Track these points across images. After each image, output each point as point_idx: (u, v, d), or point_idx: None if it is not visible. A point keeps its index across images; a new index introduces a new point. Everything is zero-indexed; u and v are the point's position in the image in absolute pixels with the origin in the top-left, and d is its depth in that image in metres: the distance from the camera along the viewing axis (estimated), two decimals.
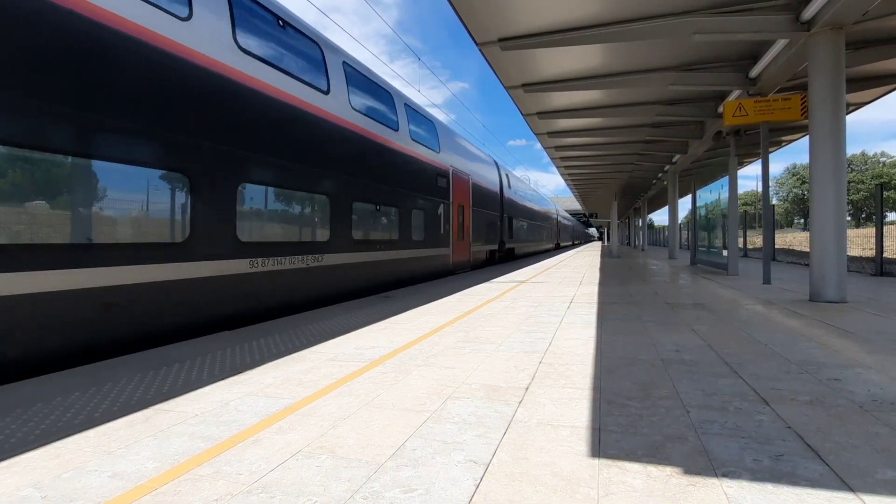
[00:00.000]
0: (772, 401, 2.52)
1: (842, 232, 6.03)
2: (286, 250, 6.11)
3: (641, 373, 3.09)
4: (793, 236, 31.43)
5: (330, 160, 7.14)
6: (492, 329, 4.68)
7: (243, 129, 5.48)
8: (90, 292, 3.84)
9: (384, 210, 8.88)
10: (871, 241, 13.72)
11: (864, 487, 1.65)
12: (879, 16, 6.21)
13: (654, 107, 10.86)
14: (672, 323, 4.84)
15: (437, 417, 2.39)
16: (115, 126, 4.07)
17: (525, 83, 9.21)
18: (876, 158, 74.40)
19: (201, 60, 4.91)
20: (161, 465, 1.94)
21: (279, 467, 1.89)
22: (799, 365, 3.19)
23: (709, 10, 6.34)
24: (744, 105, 7.98)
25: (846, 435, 2.08)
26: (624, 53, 8.03)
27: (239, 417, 2.44)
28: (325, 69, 7.15)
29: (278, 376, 3.17)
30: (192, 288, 4.73)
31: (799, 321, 4.80)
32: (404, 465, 1.88)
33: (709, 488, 1.67)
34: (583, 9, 6.35)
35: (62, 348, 3.73)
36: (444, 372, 3.20)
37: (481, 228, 14.94)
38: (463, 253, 13.24)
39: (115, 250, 4.08)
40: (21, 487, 1.77)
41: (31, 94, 3.51)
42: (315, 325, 5.03)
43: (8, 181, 3.49)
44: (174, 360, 3.64)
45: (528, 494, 1.66)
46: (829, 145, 5.99)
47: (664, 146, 14.72)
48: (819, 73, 6.02)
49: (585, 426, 2.24)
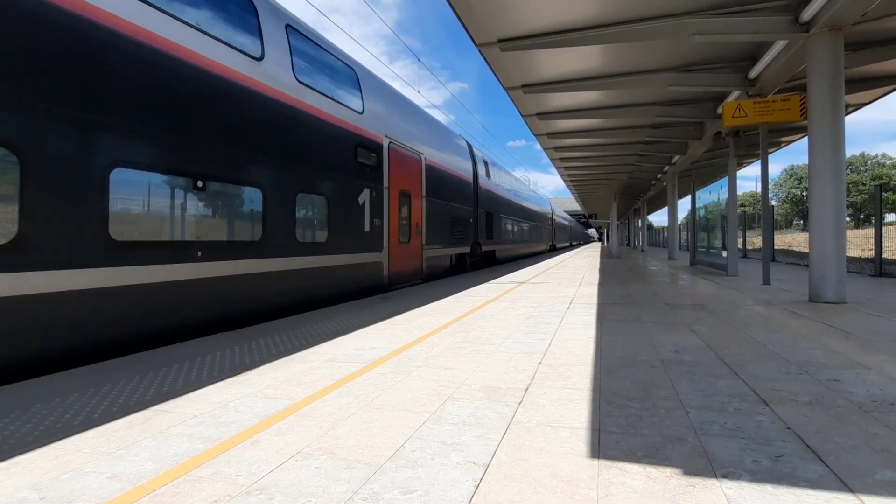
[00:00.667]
0: (771, 401, 2.52)
1: (841, 233, 6.03)
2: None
3: (641, 373, 3.08)
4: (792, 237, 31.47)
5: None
6: (491, 330, 4.68)
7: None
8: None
9: (231, 192, 5.47)
10: (870, 242, 13.74)
11: (864, 488, 1.65)
12: (878, 17, 6.23)
13: (654, 108, 10.87)
14: (672, 323, 4.84)
15: (436, 418, 2.38)
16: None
17: (524, 84, 9.22)
18: (876, 160, 74.49)
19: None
20: (160, 466, 1.93)
21: (278, 468, 1.89)
22: (798, 366, 3.19)
23: (708, 12, 6.35)
24: (743, 106, 7.99)
25: (846, 435, 2.07)
26: (623, 54, 8.04)
27: (238, 418, 2.44)
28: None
29: (278, 377, 3.17)
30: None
31: (798, 322, 4.80)
32: (403, 467, 1.88)
33: (708, 489, 1.67)
34: (582, 10, 6.36)
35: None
36: (443, 373, 3.20)
37: (443, 226, 11.63)
38: (409, 259, 9.81)
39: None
40: (19, 489, 1.77)
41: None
42: (315, 326, 5.03)
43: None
44: (174, 361, 3.64)
45: (527, 495, 1.65)
46: (828, 146, 6.00)
47: (664, 147, 14.73)
48: (818, 74, 6.03)
49: (585, 427, 2.24)
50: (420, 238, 10.36)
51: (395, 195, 9.11)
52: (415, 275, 10.14)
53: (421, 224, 10.39)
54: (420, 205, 10.36)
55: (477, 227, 14.54)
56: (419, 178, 10.37)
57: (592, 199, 34.01)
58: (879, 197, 9.85)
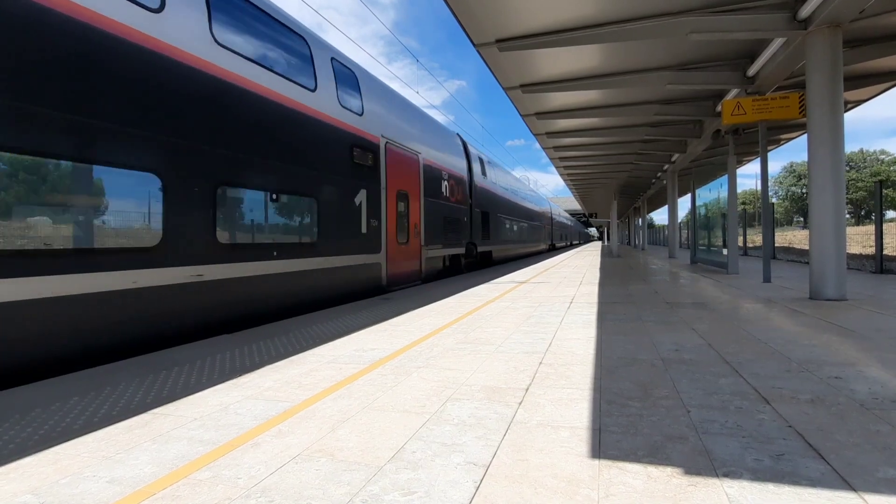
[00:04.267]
0: (772, 400, 2.51)
1: (841, 230, 6.02)
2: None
3: (641, 373, 3.08)
4: (793, 234, 31.44)
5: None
6: (491, 330, 4.68)
7: None
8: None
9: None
10: (870, 239, 13.72)
11: (866, 486, 1.64)
12: (876, 13, 6.22)
13: (653, 106, 10.87)
14: (672, 322, 4.83)
15: (436, 419, 2.38)
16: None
17: (523, 84, 9.22)
18: (875, 156, 74.36)
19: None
20: (160, 469, 1.93)
21: (278, 471, 1.88)
22: (799, 363, 3.19)
23: (705, 10, 6.35)
24: (742, 104, 7.98)
25: (847, 433, 2.07)
26: (621, 53, 8.04)
27: (238, 421, 2.43)
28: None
29: (278, 379, 3.16)
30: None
31: (799, 319, 4.79)
32: (404, 468, 1.88)
33: (709, 488, 1.66)
34: (580, 9, 6.35)
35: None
36: (443, 373, 3.19)
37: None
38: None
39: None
40: (19, 493, 1.76)
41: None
42: (315, 328, 5.03)
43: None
44: (174, 364, 3.64)
45: (528, 496, 1.65)
46: (827, 143, 5.99)
47: (663, 145, 14.73)
48: (817, 71, 6.02)
49: (585, 427, 2.23)
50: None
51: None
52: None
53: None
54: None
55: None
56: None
57: (592, 197, 33.98)
58: (879, 193, 9.84)
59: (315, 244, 6.88)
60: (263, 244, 5.88)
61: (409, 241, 9.86)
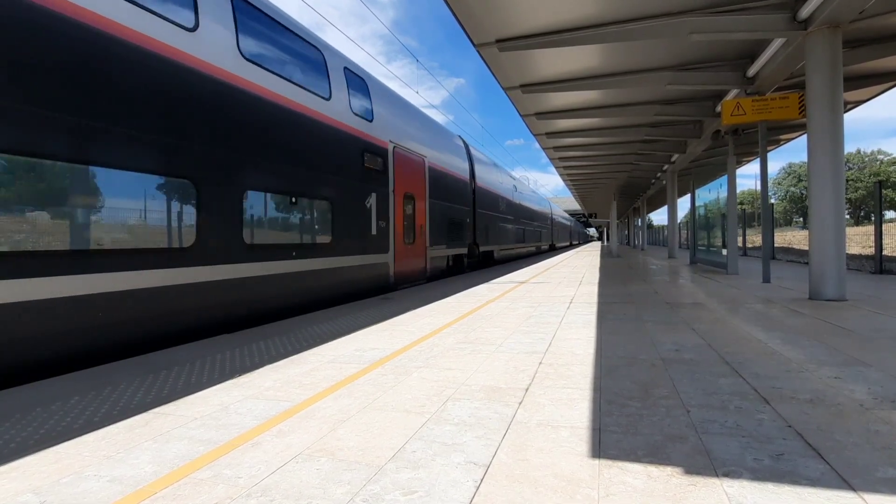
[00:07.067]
0: (772, 399, 2.51)
1: (841, 230, 6.03)
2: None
3: (641, 372, 3.08)
4: (792, 234, 31.46)
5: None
6: (491, 330, 4.68)
7: None
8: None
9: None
10: (870, 240, 13.74)
11: (866, 486, 1.65)
12: (876, 14, 6.22)
13: (653, 106, 10.87)
14: (672, 322, 4.84)
15: (437, 419, 2.38)
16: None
17: (523, 84, 9.22)
18: (873, 156, 74.31)
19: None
20: (160, 469, 1.93)
21: (279, 470, 1.89)
22: (799, 363, 3.19)
23: (706, 10, 6.35)
24: (742, 104, 7.99)
25: (847, 433, 2.07)
26: (621, 53, 8.04)
27: (239, 420, 2.44)
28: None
29: (278, 379, 3.17)
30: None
31: (799, 319, 4.80)
32: (404, 468, 1.88)
33: (709, 488, 1.66)
34: (580, 9, 6.36)
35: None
36: (443, 373, 3.20)
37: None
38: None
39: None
40: (20, 493, 1.77)
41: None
42: (315, 328, 5.03)
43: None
44: (174, 364, 3.64)
45: (528, 496, 1.65)
46: (827, 143, 5.99)
47: (663, 146, 14.73)
48: (816, 71, 6.03)
49: (586, 426, 2.24)
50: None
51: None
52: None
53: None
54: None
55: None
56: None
57: (592, 198, 33.99)
58: (879, 194, 9.85)
59: (330, 245, 7.18)
60: (284, 245, 6.22)
61: (415, 241, 10.14)
